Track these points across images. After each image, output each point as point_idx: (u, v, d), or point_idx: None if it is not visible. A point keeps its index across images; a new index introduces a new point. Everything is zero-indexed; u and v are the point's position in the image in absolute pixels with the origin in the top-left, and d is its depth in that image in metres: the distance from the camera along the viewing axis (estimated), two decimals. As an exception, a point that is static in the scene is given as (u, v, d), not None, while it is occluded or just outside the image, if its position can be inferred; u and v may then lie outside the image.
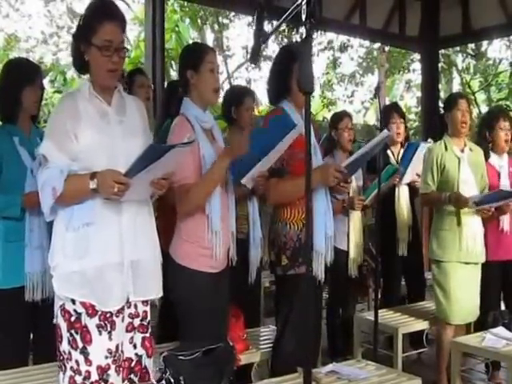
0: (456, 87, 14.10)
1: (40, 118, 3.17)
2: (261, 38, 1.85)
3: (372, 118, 14.20)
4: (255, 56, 2.04)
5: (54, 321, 2.14)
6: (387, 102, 12.17)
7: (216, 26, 12.27)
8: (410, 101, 15.42)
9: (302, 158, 2.79)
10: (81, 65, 2.15)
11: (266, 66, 13.14)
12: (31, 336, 2.90)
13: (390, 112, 4.34)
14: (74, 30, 2.21)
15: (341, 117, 4.18)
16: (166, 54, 6.33)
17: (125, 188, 1.98)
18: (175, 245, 2.55)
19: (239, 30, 17.90)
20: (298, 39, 8.56)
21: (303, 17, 1.61)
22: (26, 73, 2.82)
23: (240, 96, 3.58)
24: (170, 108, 3.27)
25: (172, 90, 3.61)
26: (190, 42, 11.92)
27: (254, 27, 2.07)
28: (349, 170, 2.84)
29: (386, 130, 3.00)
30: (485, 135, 3.83)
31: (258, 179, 2.62)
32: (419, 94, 13.81)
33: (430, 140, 4.52)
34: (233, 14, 12.03)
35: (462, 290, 3.49)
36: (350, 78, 12.83)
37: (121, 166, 2.02)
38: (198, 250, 2.49)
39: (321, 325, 3.49)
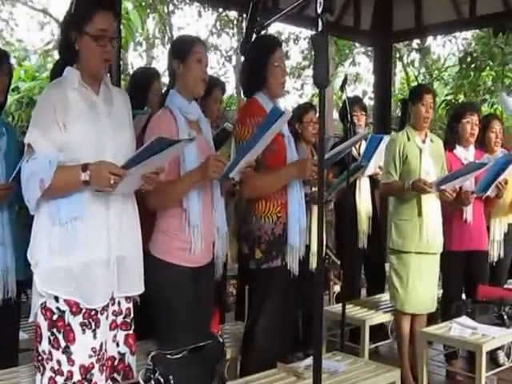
0: (399, 81, 14.42)
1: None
2: (255, 28, 1.80)
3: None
4: (247, 46, 1.99)
5: (31, 319, 2.06)
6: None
7: (164, 15, 12.02)
8: (351, 94, 15.57)
9: (274, 150, 2.78)
10: (69, 54, 2.08)
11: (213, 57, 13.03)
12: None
13: (351, 105, 4.34)
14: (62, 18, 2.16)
15: (306, 109, 4.10)
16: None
17: (120, 180, 1.92)
18: (154, 238, 2.49)
19: (188, 19, 17.71)
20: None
21: (319, 9, 1.54)
22: None
23: (208, 86, 3.42)
24: (136, 99, 3.14)
25: (136, 79, 3.47)
26: (140, 31, 11.65)
27: (247, 19, 2.02)
28: (326, 163, 2.82)
29: (365, 129, 3.01)
30: (453, 127, 3.91)
31: (246, 170, 2.56)
32: (364, 87, 14.08)
33: (393, 133, 4.57)
34: (179, 1, 11.83)
35: (420, 280, 3.54)
36: (298, 71, 12.88)
37: (109, 159, 1.97)
38: (175, 243, 2.44)
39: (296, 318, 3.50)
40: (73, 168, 1.95)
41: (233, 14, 11.41)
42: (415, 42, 11.42)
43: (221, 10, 11.14)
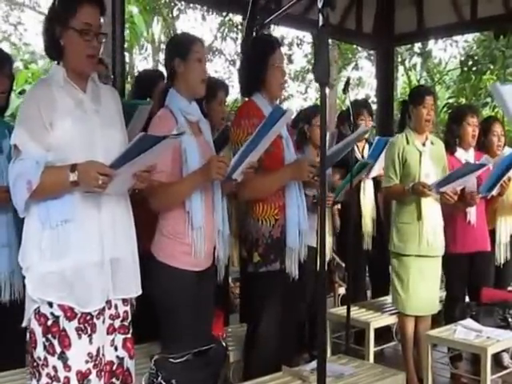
0: (400, 85, 14.42)
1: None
2: (255, 28, 1.80)
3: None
4: (246, 45, 1.98)
5: (24, 324, 2.01)
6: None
7: (169, 19, 12.02)
8: (354, 98, 15.56)
9: (272, 152, 2.72)
10: (55, 50, 2.01)
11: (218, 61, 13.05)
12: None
13: (359, 108, 4.35)
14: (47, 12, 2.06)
15: (315, 112, 3.98)
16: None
17: (109, 180, 1.86)
18: (156, 241, 2.45)
19: (193, 23, 17.69)
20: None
21: (319, 4, 1.53)
22: None
23: (212, 89, 3.33)
24: (142, 98, 3.15)
25: (142, 78, 3.48)
26: (145, 34, 11.66)
27: (246, 20, 2.02)
28: (328, 160, 2.81)
29: (364, 126, 3.01)
30: (453, 130, 3.90)
31: (248, 171, 2.53)
32: (367, 91, 14.07)
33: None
34: (184, 5, 11.82)
35: (421, 282, 3.54)
36: (302, 74, 12.91)
37: (99, 158, 1.91)
38: (178, 246, 2.40)
39: (299, 321, 3.49)
40: (61, 168, 1.88)
41: (237, 18, 11.42)
42: (417, 46, 11.44)
43: (224, 13, 11.12)
